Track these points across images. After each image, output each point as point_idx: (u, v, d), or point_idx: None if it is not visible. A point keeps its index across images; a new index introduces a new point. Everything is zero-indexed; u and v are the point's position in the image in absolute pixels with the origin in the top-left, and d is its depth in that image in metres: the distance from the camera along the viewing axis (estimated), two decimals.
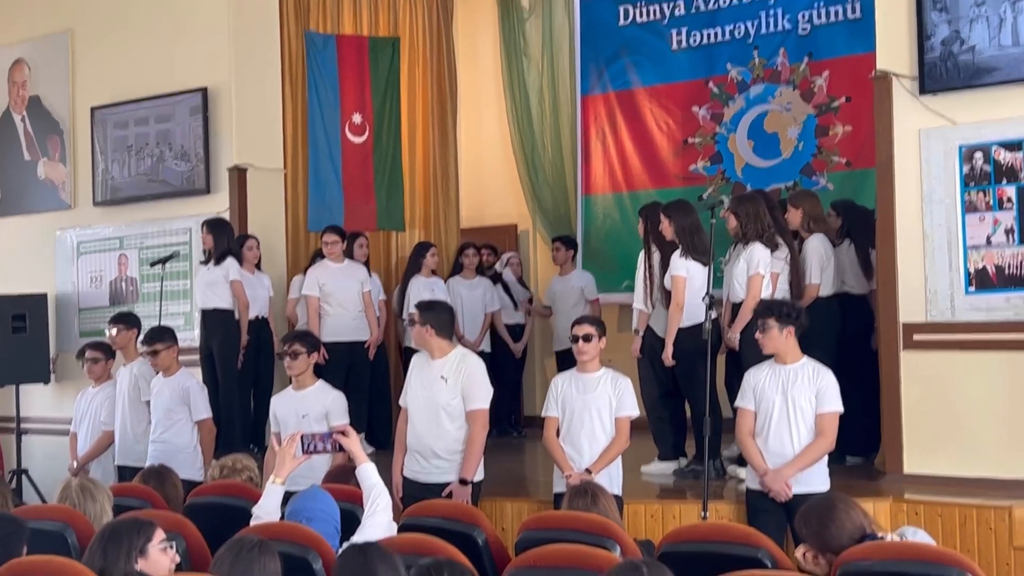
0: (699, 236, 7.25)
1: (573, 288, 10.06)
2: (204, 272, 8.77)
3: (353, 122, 10.21)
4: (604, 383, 6.23)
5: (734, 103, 10.38)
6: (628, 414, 6.22)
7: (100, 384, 8.01)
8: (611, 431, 6.21)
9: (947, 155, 6.83)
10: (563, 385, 6.33)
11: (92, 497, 5.12)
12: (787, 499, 5.79)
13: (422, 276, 9.49)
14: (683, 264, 7.24)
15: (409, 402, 6.33)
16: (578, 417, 6.23)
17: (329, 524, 4.65)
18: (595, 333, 6.23)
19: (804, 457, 5.82)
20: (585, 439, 6.20)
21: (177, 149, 9.75)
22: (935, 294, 6.86)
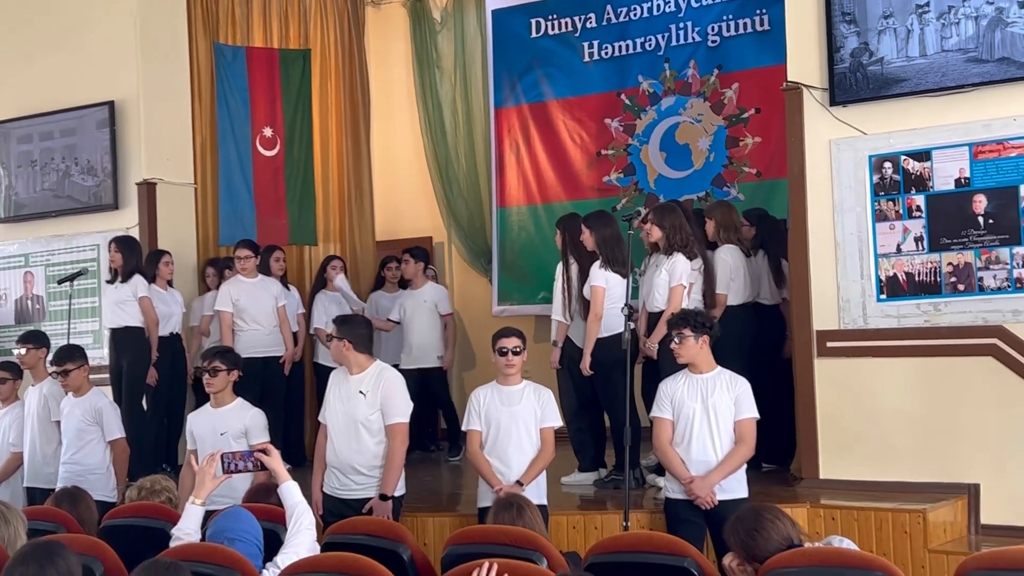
0: (618, 247, 7.28)
1: (425, 303, 9.51)
2: (111, 290, 8.61)
3: (264, 135, 10.12)
4: (528, 395, 6.23)
5: (646, 115, 10.47)
6: (552, 425, 6.22)
7: (7, 405, 7.81)
8: (537, 443, 6.20)
9: (857, 165, 6.96)
10: (485, 399, 6.30)
11: (5, 520, 4.95)
12: (712, 506, 5.84)
13: (327, 290, 9.40)
14: (602, 275, 7.27)
15: (328, 418, 6.26)
16: (504, 430, 6.20)
17: (252, 544, 4.56)
18: (522, 348, 6.23)
19: (728, 463, 5.88)
20: (513, 452, 6.18)
21: (84, 164, 9.57)
22: (847, 302, 6.98)
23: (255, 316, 8.78)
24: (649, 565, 4.38)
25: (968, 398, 6.63)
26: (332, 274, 9.60)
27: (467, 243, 11.45)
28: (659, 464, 6.95)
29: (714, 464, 5.89)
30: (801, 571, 3.99)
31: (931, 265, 6.74)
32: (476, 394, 6.39)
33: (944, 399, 6.70)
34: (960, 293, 6.66)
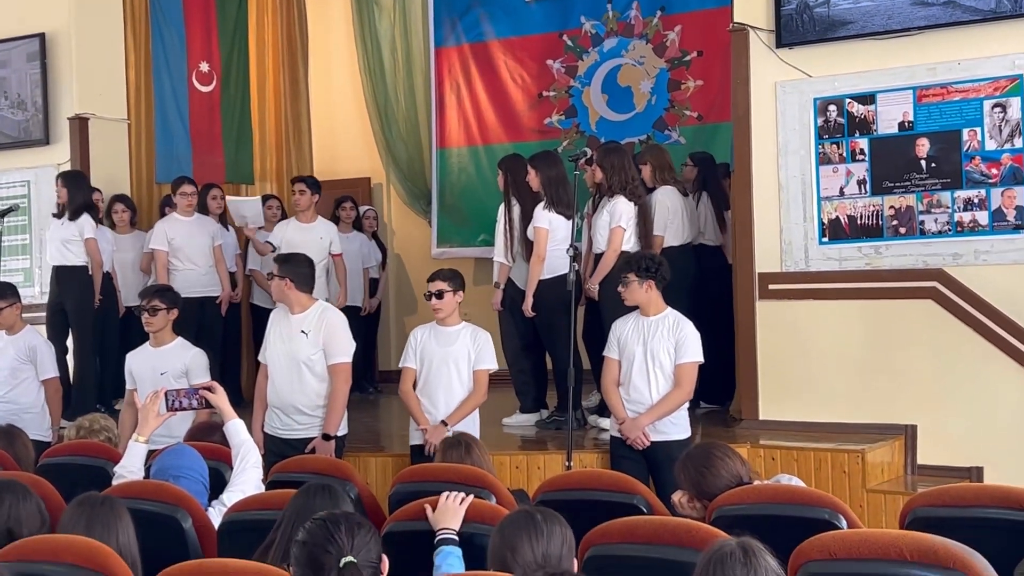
0: (564, 188, 7.24)
1: (318, 240, 8.75)
2: (57, 227, 8.40)
3: (200, 70, 9.92)
4: (464, 336, 6.19)
5: (588, 56, 10.41)
6: (486, 367, 6.19)
7: None
8: (468, 384, 6.17)
9: (802, 108, 6.97)
10: (422, 337, 6.28)
11: None
12: (644, 447, 5.86)
13: (263, 230, 9.27)
14: (546, 216, 7.23)
15: (269, 358, 6.20)
16: (436, 369, 6.18)
17: (197, 482, 4.50)
18: (448, 289, 6.16)
19: (660, 407, 5.89)
20: (442, 391, 6.17)
21: (13, 97, 9.31)
22: (790, 244, 7.01)
23: (191, 255, 8.63)
24: (598, 502, 4.38)
25: (908, 341, 6.71)
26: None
27: (406, 185, 11.34)
28: (601, 405, 6.98)
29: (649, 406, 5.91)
30: (750, 507, 4.01)
31: (873, 208, 6.78)
32: (415, 332, 6.38)
33: (884, 342, 6.77)
34: (902, 236, 6.71)
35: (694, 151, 8.68)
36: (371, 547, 2.78)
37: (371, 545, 2.78)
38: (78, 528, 3.57)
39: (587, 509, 4.21)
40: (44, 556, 3.41)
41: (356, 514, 2.89)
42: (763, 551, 2.86)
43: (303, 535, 2.79)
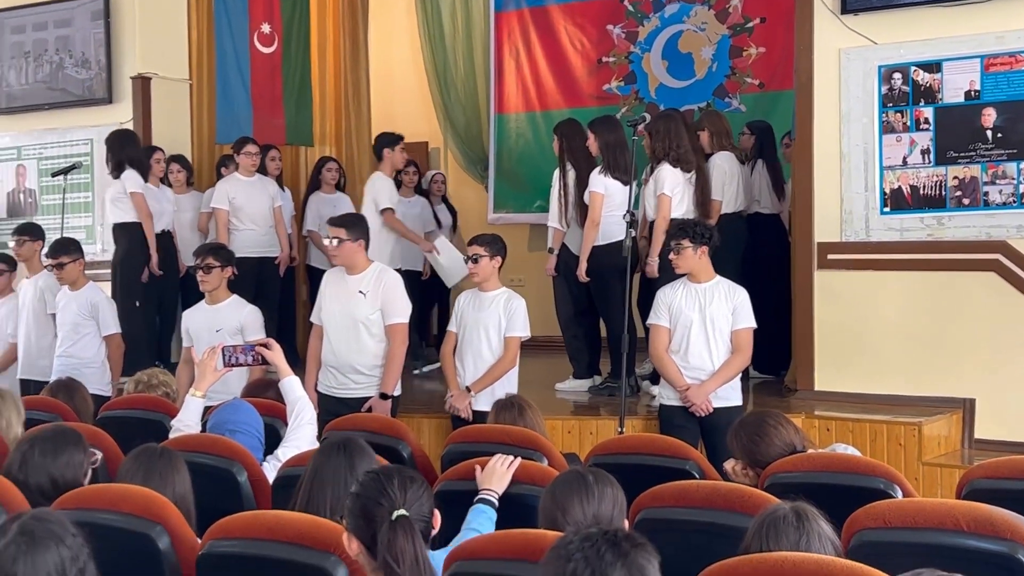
0: (621, 153, 7.18)
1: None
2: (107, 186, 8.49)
3: (262, 32, 9.94)
4: (498, 303, 6.19)
5: (649, 22, 10.32)
6: (517, 335, 6.17)
7: (3, 297, 7.75)
8: (498, 350, 6.17)
9: (866, 75, 6.86)
10: (463, 302, 6.32)
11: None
12: (707, 413, 5.85)
13: (322, 192, 9.30)
14: (601, 181, 7.18)
15: (325, 318, 6.22)
16: (468, 334, 6.22)
17: (253, 437, 4.56)
18: (484, 254, 6.16)
19: (724, 372, 5.88)
20: (471, 357, 6.20)
21: (78, 56, 9.40)
22: (850, 214, 6.92)
23: (251, 215, 8.67)
24: (651, 467, 4.38)
25: (968, 313, 6.61)
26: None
27: (463, 150, 11.34)
28: (653, 372, 6.95)
29: (710, 372, 5.88)
30: (804, 475, 3.99)
31: (937, 178, 6.68)
32: (460, 297, 6.43)
33: (944, 314, 6.68)
34: (965, 207, 6.60)
35: (752, 120, 8.60)
36: (423, 501, 2.79)
37: (423, 499, 2.79)
38: (136, 478, 3.62)
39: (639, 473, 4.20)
40: (102, 505, 3.47)
41: (409, 469, 2.91)
42: (816, 516, 2.85)
43: (357, 487, 2.81)
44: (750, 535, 2.87)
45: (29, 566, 2.58)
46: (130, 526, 3.37)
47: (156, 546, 3.33)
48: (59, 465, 3.81)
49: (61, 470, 3.81)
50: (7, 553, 2.59)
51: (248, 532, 3.20)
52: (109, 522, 3.38)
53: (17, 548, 2.59)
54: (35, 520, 2.66)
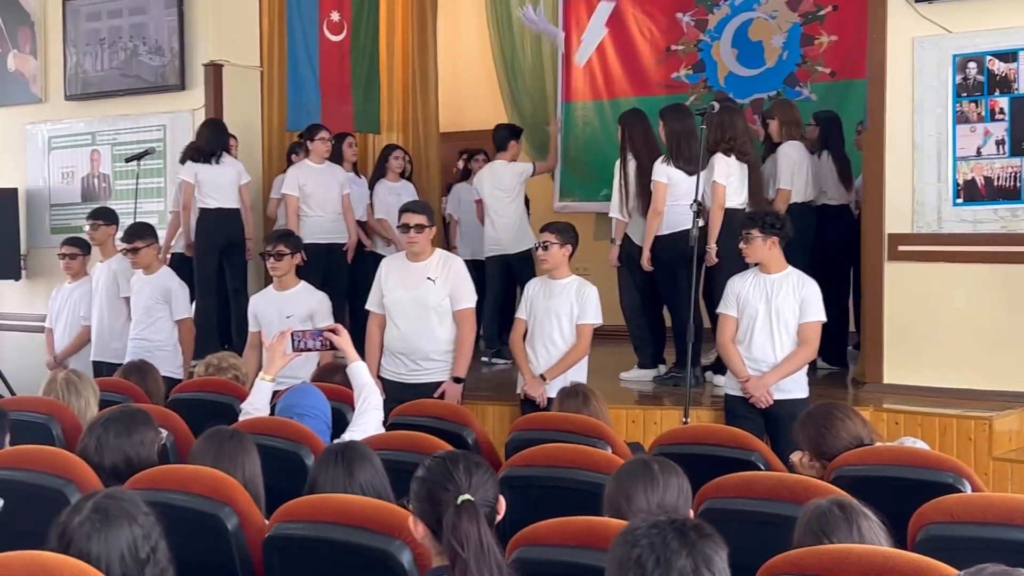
0: (687, 143, 7.13)
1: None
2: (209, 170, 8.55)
3: (331, 20, 10.00)
4: (569, 290, 6.19)
5: (719, 10, 10.23)
6: (589, 322, 6.17)
7: (77, 280, 7.90)
8: (570, 338, 6.17)
9: (940, 64, 6.76)
10: (533, 289, 6.33)
11: (77, 392, 5.07)
12: (767, 405, 5.81)
13: (388, 180, 9.34)
14: (664, 170, 7.14)
15: (391, 305, 6.24)
16: (539, 322, 6.22)
17: (320, 420, 4.62)
18: (554, 241, 6.16)
19: (787, 365, 5.84)
20: (542, 344, 6.21)
21: (151, 43, 9.53)
22: (922, 205, 6.83)
23: (321, 202, 8.71)
24: (715, 458, 4.37)
25: None
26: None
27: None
28: (717, 362, 6.92)
29: (772, 365, 5.84)
30: (871, 468, 3.97)
31: (1011, 170, 6.57)
32: (529, 284, 6.45)
33: (1016, 307, 6.56)
34: None
35: (818, 111, 8.52)
36: (488, 487, 2.81)
37: (488, 485, 2.81)
38: (206, 460, 3.69)
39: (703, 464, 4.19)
40: (172, 485, 3.53)
41: (474, 455, 2.92)
42: (859, 506, 2.83)
43: (422, 471, 2.84)
44: (800, 532, 2.85)
45: (102, 543, 2.64)
46: (199, 507, 3.43)
47: (224, 526, 3.39)
48: (133, 444, 3.89)
49: (136, 449, 3.89)
50: (81, 530, 2.65)
51: (314, 515, 3.24)
52: (179, 502, 3.44)
53: (91, 526, 2.65)
54: (109, 499, 2.72)
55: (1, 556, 2.63)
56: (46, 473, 3.75)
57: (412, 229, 6.07)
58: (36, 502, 3.59)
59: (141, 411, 4.07)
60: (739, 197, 7.06)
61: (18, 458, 3.88)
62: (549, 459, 3.99)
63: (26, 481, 3.74)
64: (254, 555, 3.37)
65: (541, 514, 3.15)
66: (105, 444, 3.86)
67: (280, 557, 3.28)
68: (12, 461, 3.87)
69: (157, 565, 2.68)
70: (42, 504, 3.52)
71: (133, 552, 2.65)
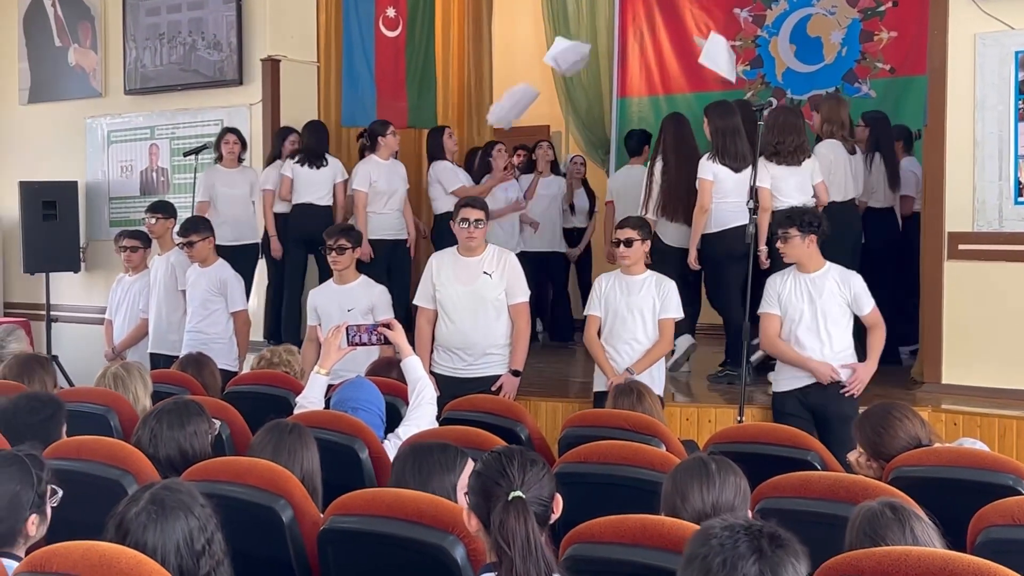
0: (732, 140, 7.09)
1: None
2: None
3: (387, 15, 10.02)
4: (649, 285, 6.15)
5: (777, 5, 10.16)
6: (672, 316, 6.13)
7: (137, 273, 7.97)
8: (653, 333, 6.12)
9: (1002, 61, 6.66)
10: (607, 286, 6.25)
11: (125, 386, 5.12)
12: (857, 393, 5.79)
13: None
14: (710, 168, 7.09)
15: (445, 300, 6.22)
16: (621, 318, 6.15)
17: (375, 415, 4.63)
18: (637, 238, 6.13)
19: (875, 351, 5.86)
20: (627, 341, 6.15)
21: (210, 38, 9.61)
22: (983, 203, 6.74)
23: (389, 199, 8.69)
24: (771, 457, 4.33)
25: None
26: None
27: (585, 133, 11.30)
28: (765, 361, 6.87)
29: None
30: (930, 470, 3.92)
31: None
32: (599, 280, 6.36)
33: None
34: None
35: (867, 111, 8.43)
36: (543, 485, 2.80)
37: (544, 483, 2.80)
38: (265, 452, 3.70)
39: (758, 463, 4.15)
40: (228, 477, 3.55)
41: (532, 452, 2.91)
42: (909, 507, 2.79)
43: (480, 466, 2.84)
44: (852, 535, 2.81)
45: (159, 534, 2.66)
46: (255, 499, 3.45)
47: (280, 519, 3.40)
48: (187, 435, 3.92)
49: (190, 440, 3.92)
50: (138, 521, 2.68)
51: (368, 509, 3.25)
52: (235, 494, 3.46)
53: (148, 516, 2.67)
54: (165, 490, 2.75)
55: (59, 546, 2.66)
56: (104, 464, 3.79)
57: (472, 224, 6.07)
58: (94, 493, 3.63)
59: (194, 403, 4.10)
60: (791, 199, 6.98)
61: (77, 449, 3.93)
62: (603, 456, 3.96)
63: (84, 471, 3.79)
64: (309, 548, 3.38)
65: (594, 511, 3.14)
66: (159, 436, 3.90)
67: (335, 550, 3.29)
68: (71, 452, 3.91)
69: (213, 557, 2.70)
70: (100, 495, 3.56)
71: (189, 544, 2.67)
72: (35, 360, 5.67)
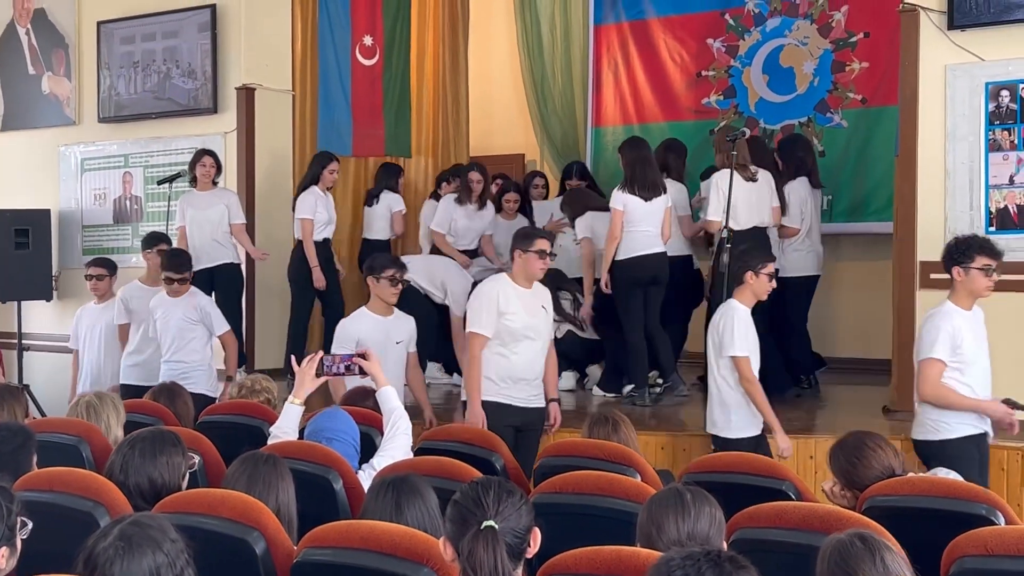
0: (643, 170, 7.51)
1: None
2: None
3: (364, 44, 10.06)
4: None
5: (750, 36, 10.24)
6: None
7: (104, 301, 7.95)
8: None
9: (973, 92, 6.73)
10: None
11: (96, 415, 5.08)
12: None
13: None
14: (620, 198, 7.48)
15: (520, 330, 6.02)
16: None
17: (349, 445, 4.61)
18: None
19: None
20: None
21: (184, 67, 9.60)
22: (954, 233, 6.76)
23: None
24: (746, 487, 4.34)
25: None
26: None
27: (560, 162, 11.31)
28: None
29: None
30: (903, 499, 3.94)
31: None
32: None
33: None
34: None
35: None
36: (520, 516, 2.79)
37: (521, 514, 2.79)
38: (239, 484, 3.68)
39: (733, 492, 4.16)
40: (202, 509, 3.52)
41: (510, 483, 2.90)
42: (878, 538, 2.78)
43: (458, 494, 2.84)
44: (822, 566, 2.77)
45: (126, 570, 2.64)
46: (228, 531, 3.42)
47: (253, 551, 3.37)
48: (158, 466, 3.88)
49: (160, 471, 3.88)
50: (106, 556, 2.65)
51: (342, 541, 3.23)
52: (208, 526, 3.43)
53: (116, 551, 2.65)
54: (135, 525, 2.72)
55: None
56: (76, 495, 3.75)
57: (548, 256, 6.08)
58: (65, 525, 3.59)
59: (171, 434, 4.07)
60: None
61: (48, 480, 3.89)
62: (578, 486, 3.96)
63: (55, 503, 3.75)
64: None
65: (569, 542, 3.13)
66: (130, 464, 3.85)
67: None
68: (42, 483, 3.87)
69: None
70: (71, 527, 3.52)
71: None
72: (6, 390, 5.61)
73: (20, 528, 3.22)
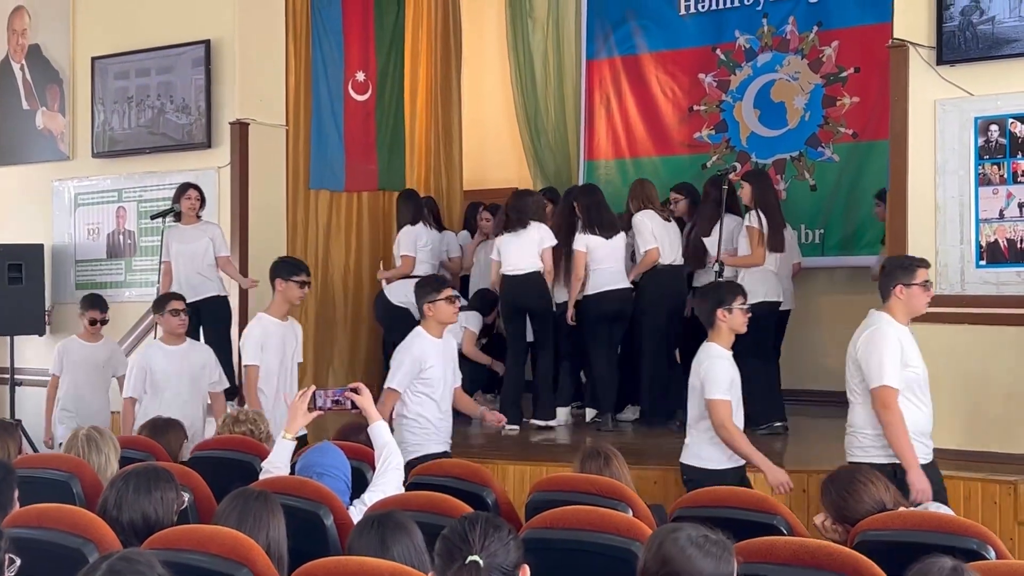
0: (598, 212, 8.17)
1: None
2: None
3: (356, 79, 10.12)
4: None
5: (741, 71, 10.31)
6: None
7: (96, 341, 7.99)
8: None
9: (962, 127, 6.76)
10: None
11: (97, 448, 5.07)
12: None
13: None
14: (583, 240, 8.10)
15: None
16: None
17: (340, 480, 4.60)
18: None
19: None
20: None
21: (178, 102, 9.63)
22: (945, 267, 6.80)
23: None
24: (738, 521, 4.32)
25: None
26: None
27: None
28: None
29: None
30: (895, 534, 3.93)
31: None
32: None
33: None
34: None
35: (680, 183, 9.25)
36: (508, 552, 2.78)
37: (508, 550, 2.79)
38: (230, 520, 3.67)
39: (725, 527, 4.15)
40: (190, 545, 3.51)
41: (499, 519, 2.90)
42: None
43: (447, 529, 2.84)
44: None
45: None
46: (217, 567, 3.40)
47: None
48: (152, 501, 3.87)
49: (154, 506, 3.87)
50: None
51: None
52: (196, 563, 3.42)
53: None
54: (123, 561, 2.71)
55: None
56: (65, 532, 3.74)
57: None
58: (54, 562, 3.58)
59: (164, 469, 4.07)
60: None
61: (37, 517, 3.87)
62: (569, 521, 3.94)
63: (45, 540, 3.73)
64: None
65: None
66: (124, 499, 3.85)
67: None
68: (31, 520, 3.86)
69: None
70: (60, 564, 3.50)
71: None
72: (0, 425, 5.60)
73: (8, 565, 3.21)
